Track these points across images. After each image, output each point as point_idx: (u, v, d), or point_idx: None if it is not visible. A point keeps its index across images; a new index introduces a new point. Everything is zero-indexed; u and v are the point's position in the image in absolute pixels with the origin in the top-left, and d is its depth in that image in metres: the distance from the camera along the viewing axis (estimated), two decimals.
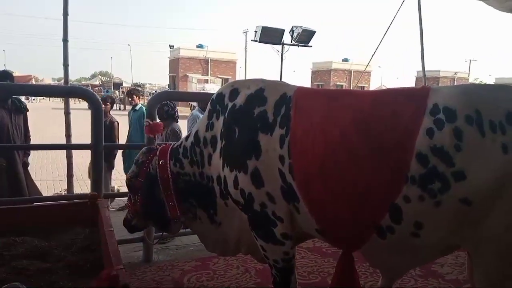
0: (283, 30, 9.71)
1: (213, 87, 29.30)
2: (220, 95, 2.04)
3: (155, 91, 37.13)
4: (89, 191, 3.43)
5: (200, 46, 35.04)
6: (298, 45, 10.00)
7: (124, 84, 40.09)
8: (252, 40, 9.48)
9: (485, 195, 1.46)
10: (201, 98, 3.42)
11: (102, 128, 2.92)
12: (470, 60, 45.52)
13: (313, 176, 1.70)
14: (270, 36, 9.43)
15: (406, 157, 1.52)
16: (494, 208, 1.47)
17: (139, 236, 3.18)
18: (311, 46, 10.16)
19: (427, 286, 2.81)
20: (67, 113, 3.97)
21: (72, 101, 4.78)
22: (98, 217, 2.60)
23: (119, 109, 29.41)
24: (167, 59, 37.70)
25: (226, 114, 1.94)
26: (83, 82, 45.75)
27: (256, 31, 9.52)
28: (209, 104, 2.09)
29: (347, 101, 1.75)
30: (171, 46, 36.89)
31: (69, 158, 3.95)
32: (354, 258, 1.90)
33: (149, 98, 3.20)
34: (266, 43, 9.77)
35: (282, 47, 9.89)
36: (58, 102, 31.70)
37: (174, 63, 35.52)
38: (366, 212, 1.64)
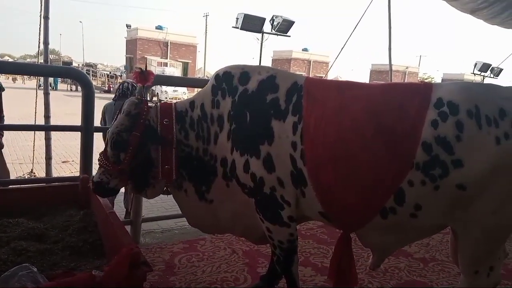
0: (264, 19, 9.79)
1: (173, 71, 28.66)
2: (228, 74, 2.05)
3: (110, 73, 35.86)
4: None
5: (159, 27, 33.97)
6: (278, 35, 10.13)
7: (74, 64, 38.00)
8: (233, 27, 9.43)
9: (478, 181, 1.68)
10: (191, 83, 3.43)
11: (93, 111, 2.89)
12: (421, 56, 48.52)
13: (324, 162, 1.83)
14: (251, 24, 9.45)
15: (412, 146, 1.72)
16: (484, 193, 1.70)
17: (127, 219, 3.22)
18: (289, 36, 10.34)
19: (399, 264, 3.10)
20: (46, 93, 3.83)
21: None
22: (90, 199, 2.62)
23: (71, 90, 28.04)
24: (124, 39, 36.23)
25: (237, 97, 1.97)
26: (28, 60, 42.78)
27: (237, 18, 9.47)
28: (213, 79, 2.09)
29: (357, 92, 1.90)
30: (128, 26, 35.43)
31: (47, 140, 3.82)
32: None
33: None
34: (247, 30, 9.76)
35: (262, 36, 9.95)
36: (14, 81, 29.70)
37: (132, 44, 34.21)
38: (374, 196, 1.80)
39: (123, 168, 2.00)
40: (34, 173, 5.20)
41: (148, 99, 2.31)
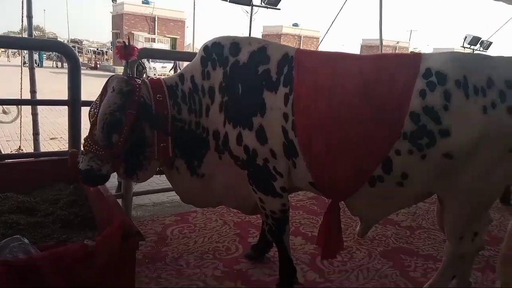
0: None
1: (161, 46, 28.11)
2: (217, 44, 2.01)
3: (96, 49, 35.05)
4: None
5: (146, 2, 33.02)
6: (267, 7, 9.90)
7: (59, 40, 36.99)
8: (222, 0, 9.22)
9: (464, 150, 1.71)
10: (181, 57, 3.37)
11: (80, 84, 2.84)
12: (411, 31, 48.17)
13: (315, 133, 1.84)
14: None
15: (401, 116, 1.73)
16: (470, 162, 1.74)
17: (118, 194, 3.22)
18: (279, 9, 10.13)
19: (386, 231, 3.19)
20: (31, 68, 3.73)
21: None
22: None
23: (56, 66, 27.43)
24: (110, 14, 35.24)
25: (228, 68, 1.95)
26: None
27: None
28: (201, 50, 2.04)
29: (348, 63, 1.89)
30: (113, 0, 34.40)
31: (34, 115, 3.76)
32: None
33: None
34: (236, 3, 9.53)
35: (252, 8, 9.74)
36: None
37: (118, 19, 33.30)
38: (362, 165, 1.83)
39: (117, 151, 1.87)
40: (22, 149, 5.15)
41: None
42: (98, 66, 28.72)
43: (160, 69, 22.94)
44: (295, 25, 39.26)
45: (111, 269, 1.60)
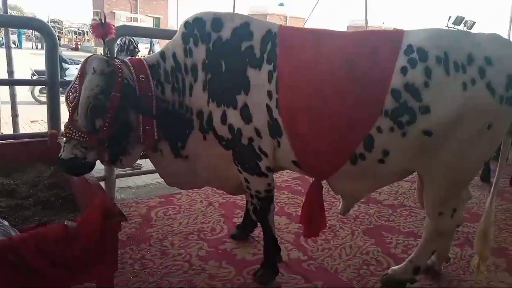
0: None
1: (144, 26, 27.45)
2: (199, 20, 1.94)
3: (77, 29, 34.02)
4: None
5: None
6: None
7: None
8: None
9: (444, 127, 1.73)
10: (162, 34, 3.27)
11: (58, 64, 2.75)
12: (397, 12, 48.15)
13: (299, 111, 1.83)
14: None
15: (382, 93, 1.73)
16: (449, 138, 1.76)
17: (101, 176, 3.18)
18: None
19: (369, 210, 3.24)
20: (8, 47, 3.59)
21: None
22: None
23: (36, 48, 26.61)
24: None
25: (211, 45, 1.90)
26: None
27: None
28: (182, 26, 1.97)
29: (332, 40, 1.87)
30: None
31: (12, 96, 3.63)
32: None
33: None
34: None
35: None
36: None
37: None
38: (345, 143, 1.84)
39: (102, 137, 1.79)
40: (1, 132, 5.02)
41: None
42: (79, 47, 27.96)
43: (144, 50, 22.48)
44: (281, 5, 38.76)
45: (92, 250, 1.58)
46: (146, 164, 4.26)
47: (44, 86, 6.85)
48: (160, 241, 2.54)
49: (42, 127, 6.93)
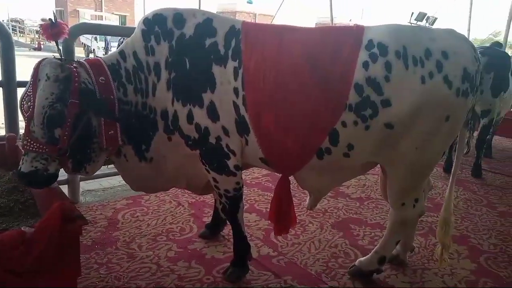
0: None
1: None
2: (159, 16, 1.88)
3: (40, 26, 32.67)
4: None
5: None
6: None
7: None
8: None
9: (404, 120, 1.78)
10: (123, 33, 3.19)
11: (14, 64, 2.63)
12: (363, 9, 49.61)
13: (264, 107, 1.83)
14: None
15: (345, 87, 1.76)
16: (410, 131, 1.81)
17: (64, 179, 3.07)
18: None
19: (337, 204, 3.30)
20: None
21: None
22: (19, 159, 2.45)
23: None
24: None
25: (174, 42, 1.85)
26: None
27: None
28: (141, 23, 1.90)
29: (295, 36, 1.88)
30: None
31: None
32: None
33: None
34: None
35: None
36: None
37: None
38: (311, 138, 1.85)
39: (63, 147, 1.69)
40: None
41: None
42: (42, 46, 26.91)
43: (110, 50, 21.93)
44: (249, 2, 38.79)
45: (52, 255, 1.53)
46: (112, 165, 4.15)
47: None
48: (127, 244, 2.49)
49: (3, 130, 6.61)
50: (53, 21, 1.77)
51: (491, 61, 4.13)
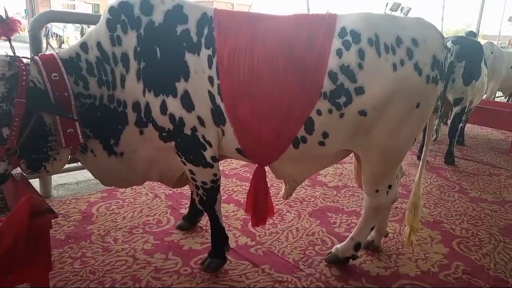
0: None
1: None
2: (125, 4, 1.80)
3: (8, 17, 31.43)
4: None
5: None
6: None
7: None
8: None
9: (377, 107, 1.79)
10: (90, 20, 3.07)
11: None
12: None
13: (239, 96, 1.80)
14: None
15: (320, 76, 1.76)
16: (382, 118, 1.83)
17: None
18: None
19: (315, 192, 3.33)
20: None
21: None
22: None
23: None
24: None
25: (142, 30, 1.78)
26: None
27: None
28: (106, 12, 1.82)
29: (268, 23, 1.86)
30: None
31: None
32: None
33: (31, 19, 2.78)
34: None
35: None
36: None
37: None
38: (286, 127, 1.84)
39: (11, 147, 1.64)
40: None
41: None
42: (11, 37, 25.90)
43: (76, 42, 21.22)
44: None
45: (20, 249, 1.47)
46: None
47: None
48: (102, 237, 2.44)
49: None
50: (3, 17, 1.68)
51: (463, 50, 4.22)
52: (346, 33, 1.77)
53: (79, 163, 2.15)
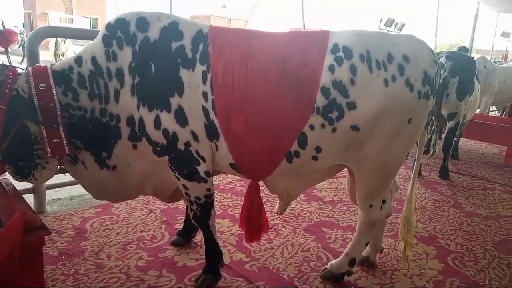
0: None
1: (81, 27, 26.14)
2: (122, 20, 1.84)
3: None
4: None
5: None
6: None
7: None
8: None
9: (369, 122, 1.82)
10: (89, 35, 3.10)
11: None
12: (336, 15, 50.53)
13: (233, 111, 1.82)
14: None
15: (313, 91, 1.78)
16: (374, 133, 1.85)
17: (28, 187, 2.97)
18: None
19: (310, 207, 3.32)
20: None
21: None
22: None
23: None
24: None
25: (137, 47, 1.81)
26: None
27: None
28: (103, 28, 1.86)
29: (262, 40, 1.89)
30: None
31: None
32: None
33: (29, 34, 2.81)
34: None
35: None
36: None
37: None
38: (280, 141, 1.86)
39: None
40: None
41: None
42: (8, 51, 25.99)
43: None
44: (224, 6, 38.86)
45: (13, 267, 1.46)
46: None
47: None
48: (96, 254, 2.42)
49: None
50: (0, 29, 1.74)
51: (456, 65, 4.28)
52: (338, 49, 1.81)
53: None
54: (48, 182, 3.02)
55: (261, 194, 2.12)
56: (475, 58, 5.34)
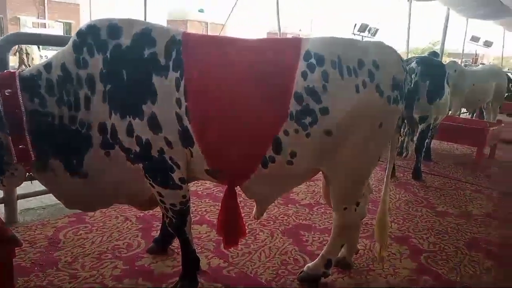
0: None
1: (53, 32, 25.56)
2: (92, 27, 1.82)
3: None
4: None
5: None
6: None
7: None
8: None
9: (342, 127, 1.86)
10: (60, 42, 3.04)
11: None
12: (312, 20, 51.44)
13: (208, 118, 1.82)
14: None
15: (287, 97, 1.81)
16: (347, 137, 1.90)
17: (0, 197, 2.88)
18: None
19: (288, 211, 3.35)
20: None
21: None
22: None
23: None
24: None
25: (109, 54, 1.80)
26: None
27: None
28: (74, 35, 1.85)
29: (236, 46, 1.91)
30: None
31: None
32: None
33: None
34: None
35: None
36: None
37: (0, 2, 29.38)
38: (255, 147, 1.88)
39: None
40: None
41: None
42: None
43: None
44: (201, 11, 38.73)
45: None
46: None
47: None
48: (69, 264, 2.37)
49: None
50: None
51: (426, 70, 4.42)
52: (310, 56, 1.85)
53: None
54: (20, 192, 2.98)
55: (238, 199, 2.13)
56: (446, 62, 5.51)
